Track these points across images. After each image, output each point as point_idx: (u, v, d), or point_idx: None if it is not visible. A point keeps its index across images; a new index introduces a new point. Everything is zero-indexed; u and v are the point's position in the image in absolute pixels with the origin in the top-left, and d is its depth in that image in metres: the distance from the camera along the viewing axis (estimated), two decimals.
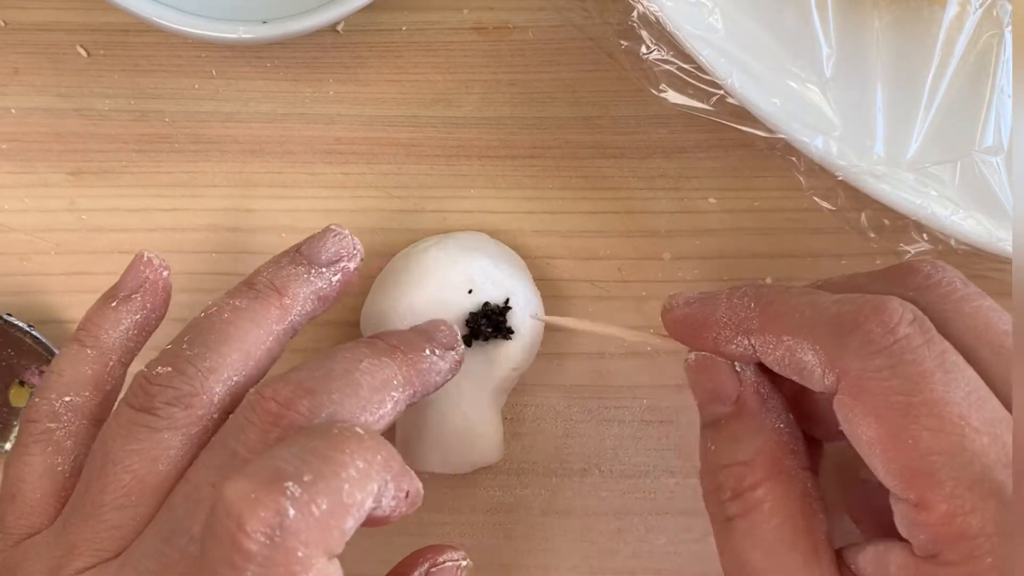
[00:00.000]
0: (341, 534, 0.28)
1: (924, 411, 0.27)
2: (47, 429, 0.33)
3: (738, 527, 0.31)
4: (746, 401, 0.32)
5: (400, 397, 0.33)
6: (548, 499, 0.42)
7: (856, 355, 0.28)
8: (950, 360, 0.28)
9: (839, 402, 0.29)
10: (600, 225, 0.42)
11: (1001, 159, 0.36)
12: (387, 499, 0.29)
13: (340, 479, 0.28)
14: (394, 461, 0.30)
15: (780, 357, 0.30)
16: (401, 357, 0.34)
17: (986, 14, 0.36)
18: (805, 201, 0.38)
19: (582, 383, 0.42)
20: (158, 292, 0.36)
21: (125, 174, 0.42)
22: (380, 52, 0.42)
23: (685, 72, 0.36)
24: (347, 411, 0.31)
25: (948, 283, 0.31)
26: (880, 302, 0.29)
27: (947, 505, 0.27)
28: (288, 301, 0.34)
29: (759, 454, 0.31)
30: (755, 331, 0.31)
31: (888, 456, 0.28)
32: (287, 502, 0.27)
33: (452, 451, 0.39)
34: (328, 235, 0.36)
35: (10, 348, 0.41)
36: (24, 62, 0.42)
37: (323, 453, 0.28)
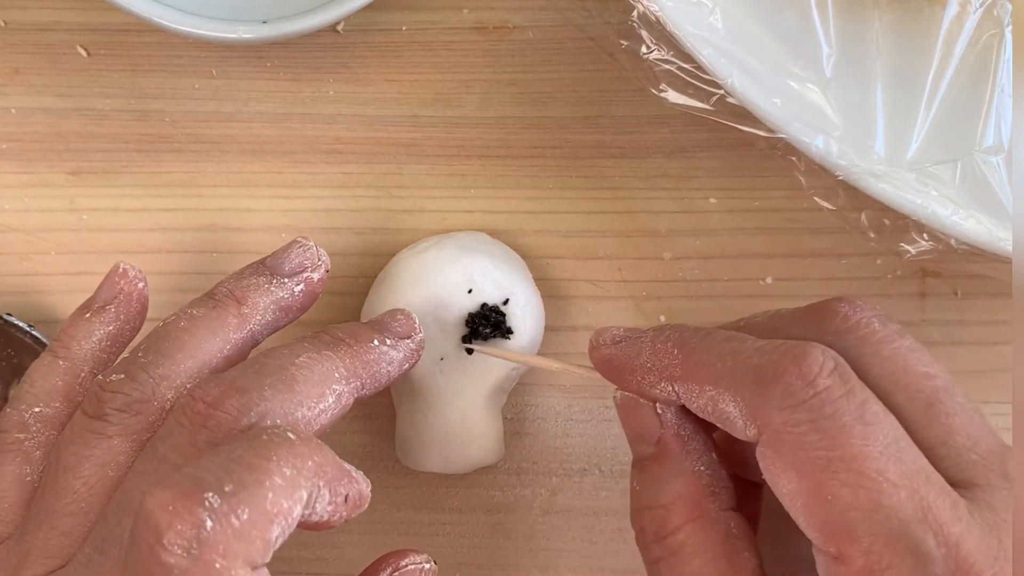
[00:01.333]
0: (264, 544, 0.27)
1: (842, 466, 0.27)
2: (16, 439, 0.34)
3: (663, 570, 0.31)
4: (667, 443, 0.32)
5: (344, 390, 0.32)
6: (548, 499, 0.42)
7: (776, 408, 0.28)
8: (870, 411, 0.28)
9: (760, 453, 0.29)
10: (600, 225, 0.42)
11: (1001, 159, 0.36)
12: (322, 505, 0.29)
13: (264, 488, 0.27)
14: (329, 466, 0.29)
15: (703, 405, 0.30)
16: (345, 349, 0.33)
17: (986, 14, 0.36)
18: (805, 201, 0.38)
19: (582, 383, 0.42)
20: (132, 304, 0.36)
21: (125, 174, 0.42)
22: (380, 52, 0.42)
23: (685, 72, 0.36)
24: (281, 408, 0.31)
25: (866, 324, 0.31)
26: (801, 352, 0.29)
27: (864, 560, 0.27)
28: (247, 310, 0.34)
29: (678, 497, 0.31)
30: (678, 378, 0.31)
31: (809, 510, 0.28)
32: (205, 513, 0.26)
33: (452, 451, 0.39)
34: (292, 247, 0.36)
35: (10, 348, 0.41)
36: (24, 62, 0.42)
37: (247, 461, 0.27)
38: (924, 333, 0.42)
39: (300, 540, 0.42)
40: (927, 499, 0.27)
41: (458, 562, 0.42)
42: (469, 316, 0.38)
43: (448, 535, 0.42)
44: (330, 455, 0.29)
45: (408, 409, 0.39)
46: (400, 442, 0.40)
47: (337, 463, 0.29)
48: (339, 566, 0.42)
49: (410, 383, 0.39)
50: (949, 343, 0.42)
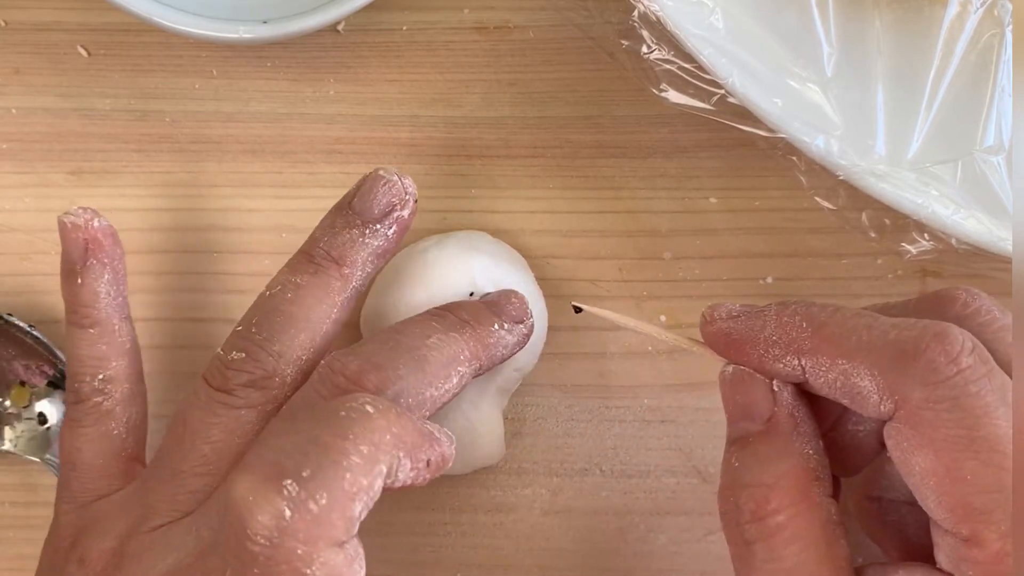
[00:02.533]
0: (346, 521, 0.28)
1: (985, 446, 0.27)
2: (95, 404, 0.36)
3: (758, 552, 0.30)
4: (779, 422, 0.31)
5: (466, 371, 0.34)
6: (549, 499, 0.42)
7: (919, 384, 0.28)
8: (1010, 394, 0.28)
9: (894, 430, 0.29)
10: (601, 225, 0.42)
11: (1002, 158, 0.36)
12: (404, 473, 0.30)
13: (341, 468, 0.28)
14: (408, 435, 0.30)
15: (832, 380, 0.30)
16: (470, 332, 0.34)
17: (987, 13, 0.36)
18: (806, 201, 0.38)
19: (583, 383, 0.42)
20: (104, 243, 0.36)
21: (125, 174, 0.42)
22: (380, 52, 0.42)
23: (686, 72, 0.36)
24: (413, 386, 0.32)
25: (987, 311, 0.31)
26: (942, 328, 0.28)
27: (1002, 543, 0.26)
28: (348, 270, 0.35)
29: (784, 478, 0.30)
30: (807, 352, 0.30)
31: (943, 489, 0.28)
32: (283, 503, 0.27)
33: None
34: (377, 184, 0.36)
35: (10, 348, 0.41)
36: (24, 62, 0.42)
37: (324, 442, 0.28)
38: None
39: None
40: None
41: (458, 562, 0.42)
42: None
43: (449, 535, 0.42)
44: (410, 423, 0.30)
45: None
46: None
47: (417, 430, 0.30)
48: None
49: None
50: None
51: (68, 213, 0.36)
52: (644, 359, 0.42)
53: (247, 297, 0.36)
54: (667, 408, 0.42)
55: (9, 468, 0.42)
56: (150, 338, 0.41)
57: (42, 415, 0.41)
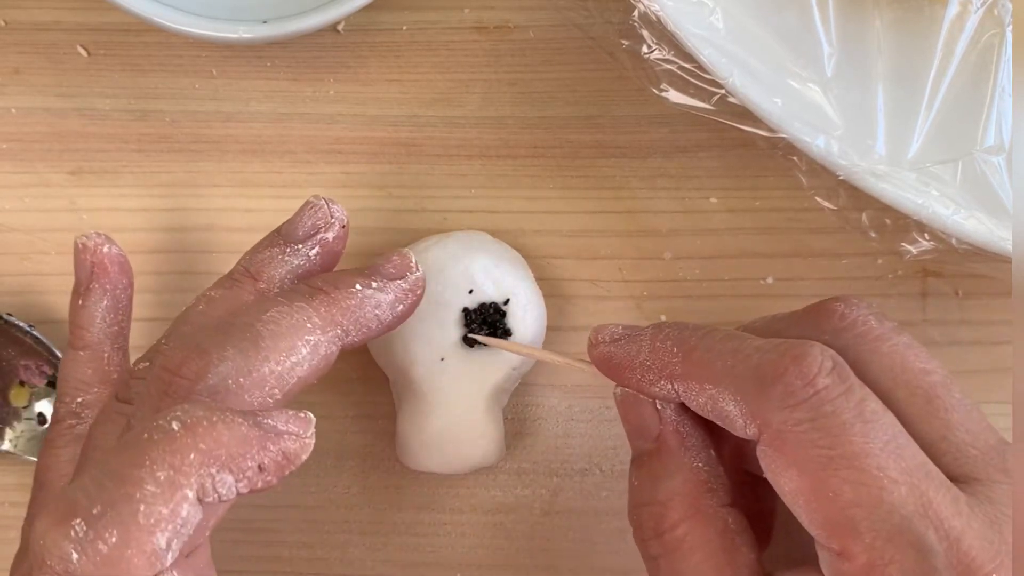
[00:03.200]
0: (147, 557, 0.26)
1: (843, 464, 0.28)
2: (69, 426, 0.36)
3: (663, 567, 0.31)
4: (665, 439, 0.32)
5: (320, 339, 0.32)
6: (549, 499, 0.42)
7: (776, 408, 0.28)
8: (869, 409, 0.28)
9: (761, 452, 0.29)
10: (601, 225, 0.42)
11: (1002, 158, 0.36)
12: (226, 488, 0.27)
13: (134, 501, 0.26)
14: (221, 448, 0.27)
15: (703, 404, 0.30)
16: (322, 298, 0.33)
17: (987, 13, 0.36)
18: (806, 201, 0.38)
19: (582, 383, 0.42)
20: (109, 270, 0.36)
21: (125, 174, 0.42)
22: (381, 52, 0.42)
23: (686, 71, 0.36)
24: (245, 366, 0.30)
25: (863, 322, 0.31)
26: (800, 351, 0.29)
27: (867, 556, 0.27)
28: (263, 285, 0.34)
29: (676, 493, 0.31)
30: (678, 377, 0.31)
31: (811, 507, 0.28)
32: (70, 546, 0.26)
33: (453, 452, 0.39)
34: (304, 209, 0.36)
35: (10, 348, 0.41)
36: (24, 62, 0.42)
37: (120, 473, 0.27)
38: (925, 333, 0.42)
39: (300, 540, 0.42)
40: (927, 494, 0.27)
41: (458, 562, 0.42)
42: (465, 312, 0.38)
43: (448, 535, 0.42)
44: (228, 430, 0.27)
45: (409, 409, 0.39)
46: (401, 442, 0.40)
47: (238, 438, 0.27)
48: (339, 566, 0.42)
49: (411, 383, 0.39)
50: (949, 343, 0.42)
51: (84, 235, 0.36)
52: None
53: None
54: None
55: (9, 468, 0.42)
56: (150, 338, 0.41)
57: (42, 415, 0.41)
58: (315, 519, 0.42)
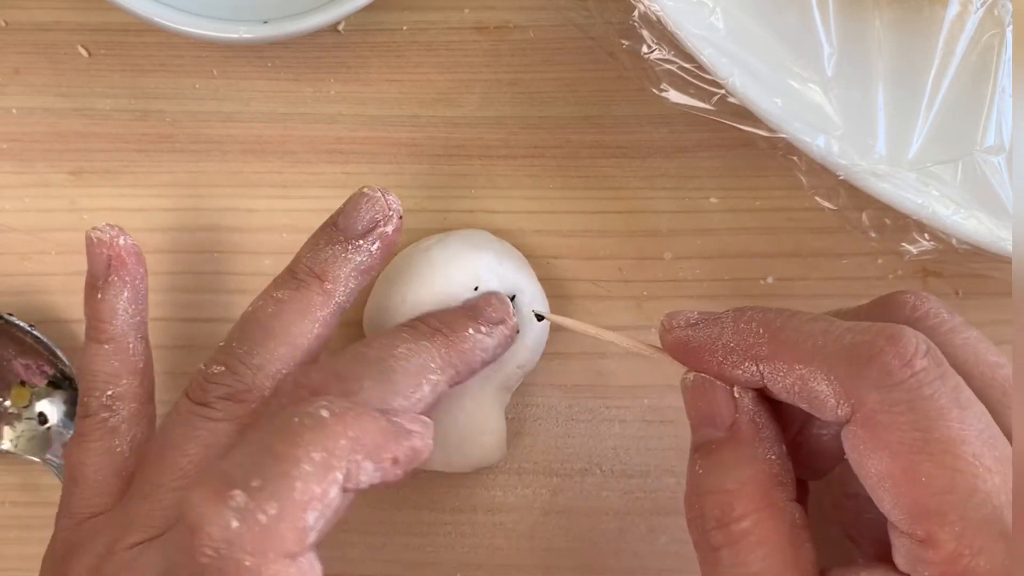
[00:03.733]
0: (298, 532, 0.28)
1: (940, 448, 0.27)
2: (101, 419, 0.36)
3: (724, 558, 0.30)
4: (740, 428, 0.31)
5: (440, 379, 0.34)
6: (549, 499, 0.42)
7: (874, 387, 0.28)
8: (964, 395, 0.28)
9: (850, 433, 0.29)
10: (601, 225, 0.42)
11: (1003, 158, 0.36)
12: (366, 475, 0.29)
13: (291, 478, 0.28)
14: (368, 436, 0.29)
15: (790, 385, 0.30)
16: (441, 339, 0.35)
17: (987, 13, 0.36)
18: (806, 200, 0.38)
19: (583, 383, 0.42)
20: (127, 261, 0.36)
21: (125, 174, 0.42)
22: (381, 52, 0.42)
23: (686, 71, 0.36)
24: (378, 396, 0.32)
25: (936, 314, 0.31)
26: (896, 331, 0.28)
27: (955, 544, 0.27)
28: (330, 286, 0.35)
29: (747, 484, 0.30)
30: (764, 358, 0.30)
31: (899, 491, 0.28)
32: (231, 514, 0.27)
33: (454, 450, 0.39)
34: (361, 201, 0.36)
35: (10, 348, 0.41)
36: (24, 62, 0.42)
37: (276, 451, 0.28)
38: None
39: None
40: None
41: (458, 562, 0.42)
42: None
43: (448, 535, 0.42)
44: (371, 423, 0.30)
45: None
46: None
47: (379, 429, 0.30)
48: (339, 566, 0.42)
49: None
50: None
51: (96, 228, 0.36)
52: (644, 359, 0.41)
53: (247, 297, 0.36)
54: (667, 408, 0.42)
55: (9, 468, 0.42)
56: (153, 338, 0.41)
57: (42, 415, 0.41)
58: None
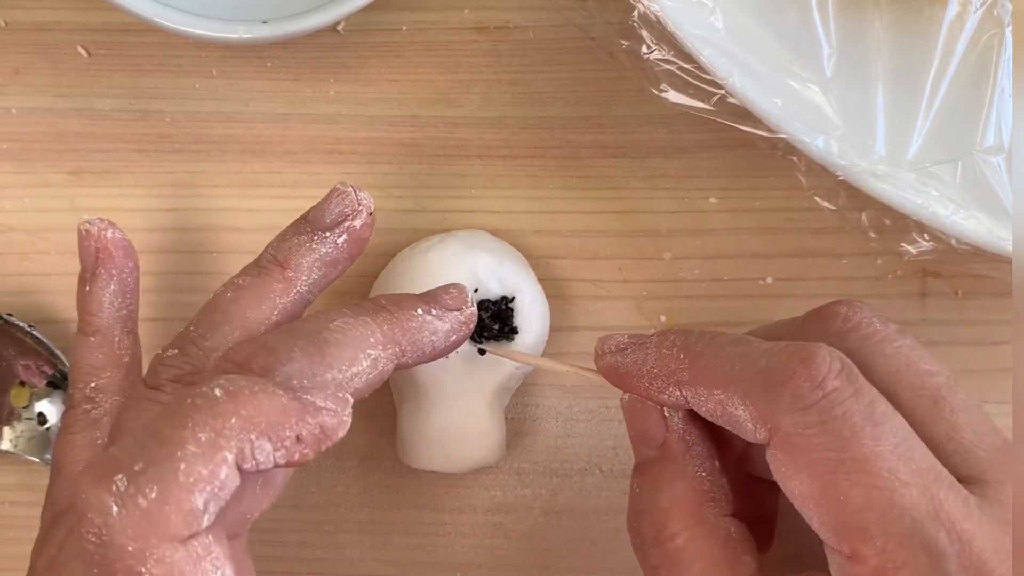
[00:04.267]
0: (184, 515, 0.27)
1: (854, 467, 0.27)
2: (84, 411, 0.36)
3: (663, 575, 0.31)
4: (671, 447, 0.32)
5: (380, 355, 0.32)
6: (548, 499, 0.42)
7: (786, 411, 0.28)
8: (879, 411, 0.28)
9: (771, 456, 0.29)
10: (601, 225, 0.42)
11: (1002, 159, 0.36)
12: (263, 455, 0.28)
13: (175, 460, 0.27)
14: (262, 415, 0.28)
15: (712, 409, 0.30)
16: (385, 315, 0.33)
17: (987, 14, 0.36)
18: (806, 201, 0.38)
19: (583, 383, 0.42)
20: (113, 254, 0.37)
21: (125, 174, 0.42)
22: (381, 52, 0.42)
23: (686, 72, 0.36)
24: (309, 369, 0.31)
25: (867, 324, 0.31)
26: (808, 353, 0.29)
27: (878, 559, 0.27)
28: (291, 273, 0.35)
29: (678, 501, 0.31)
30: (686, 383, 0.31)
31: (821, 511, 0.28)
32: (111, 499, 0.27)
33: (454, 450, 0.39)
34: (332, 196, 0.36)
35: (10, 348, 0.41)
36: (24, 62, 0.42)
37: (163, 433, 0.27)
38: (924, 333, 0.42)
39: (300, 540, 0.42)
40: (938, 497, 0.27)
41: (458, 562, 0.42)
42: None
43: (448, 535, 0.42)
44: (268, 402, 0.28)
45: (410, 408, 0.39)
46: (401, 441, 0.40)
47: (279, 407, 0.28)
48: (339, 566, 0.42)
49: (413, 382, 0.39)
50: (949, 343, 0.42)
51: (86, 221, 0.37)
52: None
53: None
54: None
55: (9, 468, 0.42)
56: (152, 337, 0.41)
57: (42, 415, 0.41)
58: (315, 519, 0.42)
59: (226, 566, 0.28)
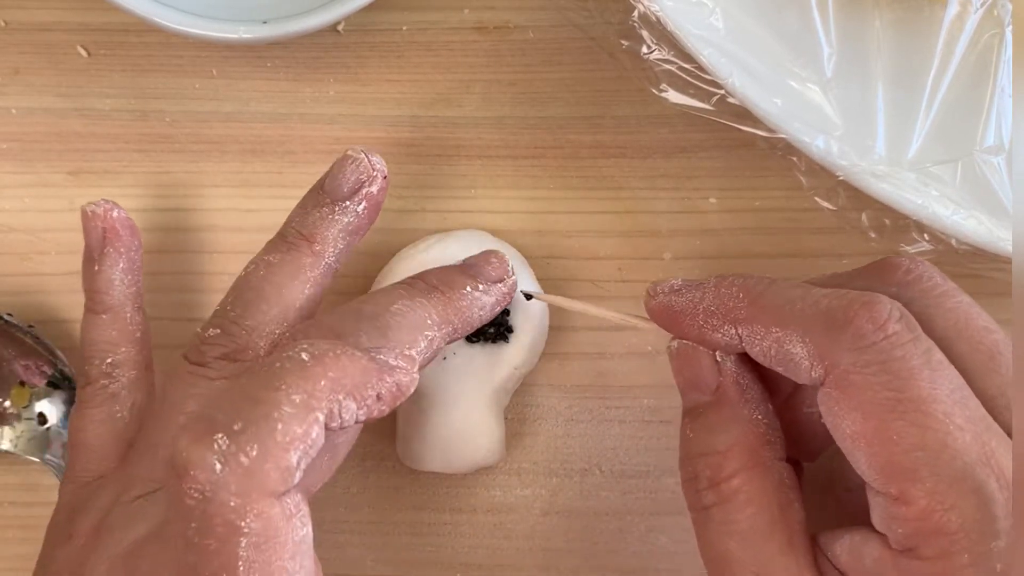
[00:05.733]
0: (282, 472, 0.28)
1: (911, 407, 0.28)
2: (102, 386, 0.37)
3: (714, 516, 0.31)
4: (725, 391, 0.32)
5: (436, 335, 0.34)
6: (549, 499, 0.42)
7: (846, 349, 0.29)
8: (935, 358, 0.29)
9: (825, 395, 0.29)
10: (601, 225, 0.42)
11: (1002, 159, 0.36)
12: (349, 413, 0.30)
13: (271, 420, 0.28)
14: (348, 376, 0.30)
15: (767, 348, 0.31)
16: (439, 296, 0.35)
17: (987, 14, 0.36)
18: (806, 201, 0.38)
19: (583, 383, 0.42)
20: (120, 233, 0.37)
21: (125, 174, 0.42)
22: (381, 52, 0.42)
23: (686, 72, 0.36)
24: (375, 351, 0.32)
25: (928, 278, 0.31)
26: (870, 298, 0.29)
27: (927, 500, 0.27)
28: (319, 247, 0.36)
29: (735, 444, 0.31)
30: (743, 321, 0.31)
31: (871, 450, 0.28)
32: (213, 457, 0.28)
33: (454, 451, 0.39)
34: (345, 164, 0.37)
35: (10, 348, 0.41)
36: (24, 62, 0.42)
37: (256, 395, 0.29)
38: None
39: None
40: (990, 444, 0.28)
41: (458, 562, 0.42)
42: None
43: (448, 535, 0.42)
44: (351, 362, 0.30)
45: (410, 408, 0.39)
46: (402, 442, 0.40)
47: (361, 368, 0.30)
48: (339, 566, 0.42)
49: None
50: None
51: (90, 203, 0.38)
52: (644, 359, 0.42)
53: None
54: (667, 408, 0.42)
55: (9, 468, 0.42)
56: (153, 337, 0.41)
57: (42, 415, 0.41)
58: (315, 519, 0.42)
59: (309, 524, 0.30)
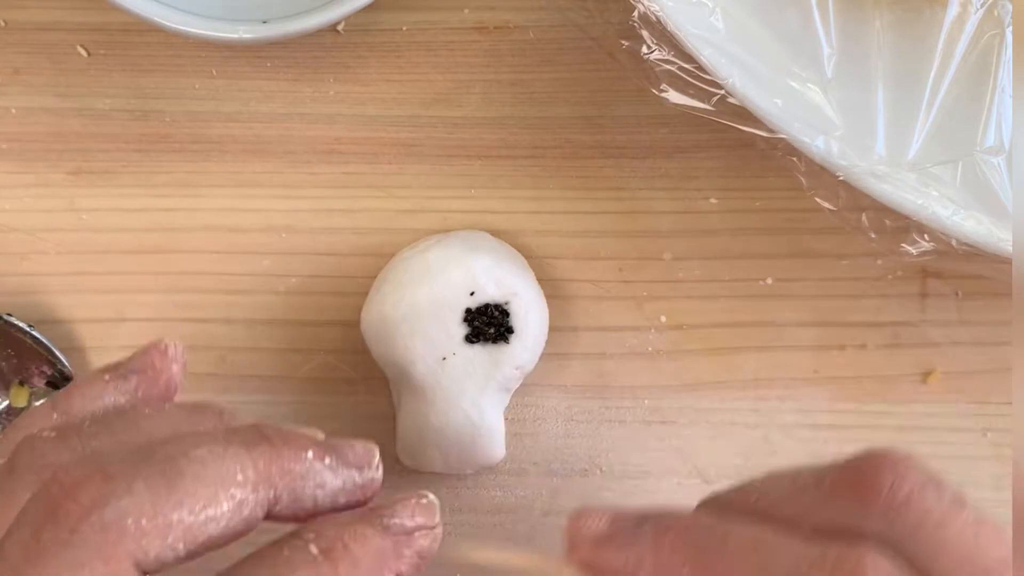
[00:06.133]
0: None
1: None
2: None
3: None
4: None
5: (248, 497, 0.27)
6: (549, 499, 0.42)
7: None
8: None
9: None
10: (601, 225, 0.42)
11: (1002, 159, 0.36)
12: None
13: None
14: (361, 571, 0.26)
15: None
16: (265, 449, 0.27)
17: (987, 14, 0.36)
18: (806, 201, 0.38)
19: (583, 383, 0.42)
20: (156, 384, 0.31)
21: (125, 174, 0.42)
22: (381, 52, 0.42)
23: (686, 72, 0.36)
24: (150, 506, 0.25)
25: (918, 500, 0.25)
26: (853, 566, 0.23)
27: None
28: (227, 418, 0.30)
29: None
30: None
31: None
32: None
33: (453, 452, 0.39)
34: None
35: (10, 348, 0.41)
36: (24, 62, 0.42)
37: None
38: (924, 333, 0.42)
39: None
40: None
41: (458, 562, 0.42)
42: (467, 312, 0.38)
43: (449, 535, 0.42)
44: (361, 550, 0.27)
45: (409, 409, 0.39)
46: (401, 442, 0.40)
47: (373, 553, 0.27)
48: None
49: (412, 383, 0.39)
50: (949, 343, 0.42)
51: (172, 342, 0.32)
52: (644, 359, 0.42)
53: (247, 297, 0.36)
54: (667, 408, 0.42)
55: None
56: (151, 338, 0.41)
57: None
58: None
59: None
